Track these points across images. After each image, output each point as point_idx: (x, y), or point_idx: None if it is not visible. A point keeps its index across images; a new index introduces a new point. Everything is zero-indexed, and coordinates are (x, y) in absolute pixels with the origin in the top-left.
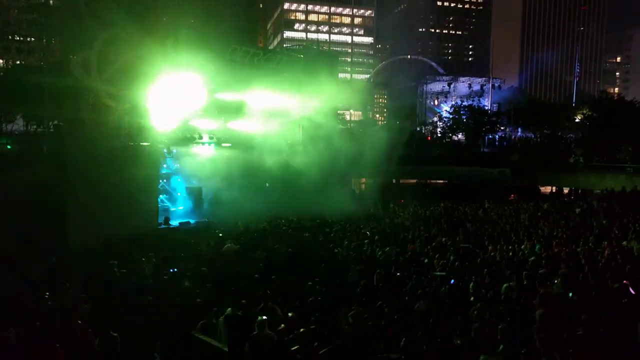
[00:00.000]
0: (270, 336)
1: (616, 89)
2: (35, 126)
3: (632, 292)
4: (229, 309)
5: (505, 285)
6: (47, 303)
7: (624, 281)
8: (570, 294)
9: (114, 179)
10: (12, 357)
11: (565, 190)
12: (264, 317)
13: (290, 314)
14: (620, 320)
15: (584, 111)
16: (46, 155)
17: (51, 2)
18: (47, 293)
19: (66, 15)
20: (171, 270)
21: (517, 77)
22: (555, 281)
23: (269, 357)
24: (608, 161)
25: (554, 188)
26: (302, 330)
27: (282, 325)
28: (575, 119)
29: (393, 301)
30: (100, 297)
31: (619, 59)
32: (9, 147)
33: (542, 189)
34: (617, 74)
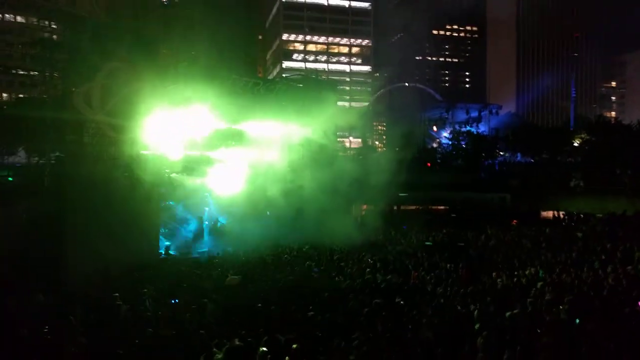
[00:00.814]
0: None
1: (613, 113)
2: (37, 158)
3: None
4: (230, 341)
5: (509, 313)
6: (45, 336)
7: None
8: (577, 321)
9: (115, 210)
10: None
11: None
12: (265, 349)
13: (294, 346)
14: (631, 346)
15: (582, 135)
16: (47, 187)
17: (55, 37)
18: (47, 327)
19: (70, 50)
20: (172, 301)
21: (514, 102)
22: (562, 308)
23: None
24: (608, 184)
25: (556, 212)
26: None
27: (287, 357)
28: (574, 142)
29: (396, 330)
30: (99, 330)
31: (614, 83)
32: (10, 179)
33: (544, 213)
34: (613, 98)
